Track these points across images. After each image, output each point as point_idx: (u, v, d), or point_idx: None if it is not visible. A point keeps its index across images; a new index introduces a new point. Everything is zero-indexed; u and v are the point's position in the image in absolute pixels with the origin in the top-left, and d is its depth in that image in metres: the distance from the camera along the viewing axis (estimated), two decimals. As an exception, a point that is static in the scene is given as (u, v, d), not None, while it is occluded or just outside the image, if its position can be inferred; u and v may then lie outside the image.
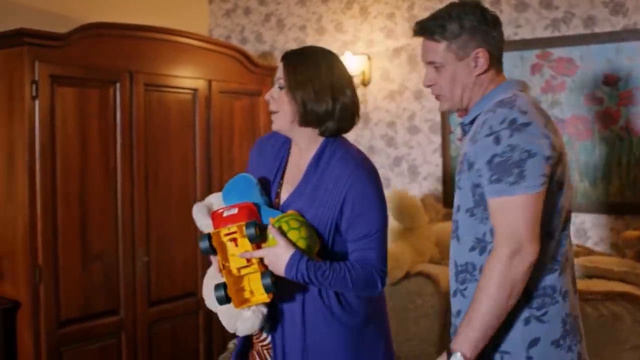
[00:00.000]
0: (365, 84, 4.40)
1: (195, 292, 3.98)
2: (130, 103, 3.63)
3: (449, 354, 1.69)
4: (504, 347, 1.76)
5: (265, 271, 1.89)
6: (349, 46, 4.47)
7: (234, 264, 1.92)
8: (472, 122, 1.86)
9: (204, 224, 2.04)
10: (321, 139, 2.03)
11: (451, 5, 1.87)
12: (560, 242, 1.77)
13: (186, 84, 3.94)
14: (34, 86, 3.21)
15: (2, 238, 3.34)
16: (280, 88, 2.02)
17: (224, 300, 1.90)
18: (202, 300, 2.12)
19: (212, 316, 4.07)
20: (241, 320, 1.95)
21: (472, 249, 1.80)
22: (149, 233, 3.74)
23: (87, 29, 3.44)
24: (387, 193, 3.83)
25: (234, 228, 1.89)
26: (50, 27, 3.45)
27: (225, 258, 1.93)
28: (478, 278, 1.77)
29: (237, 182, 2.06)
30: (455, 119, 4.07)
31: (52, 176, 3.29)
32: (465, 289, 1.82)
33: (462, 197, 1.83)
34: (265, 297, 1.91)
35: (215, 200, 2.11)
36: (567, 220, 1.80)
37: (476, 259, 1.79)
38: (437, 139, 4.21)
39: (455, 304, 1.87)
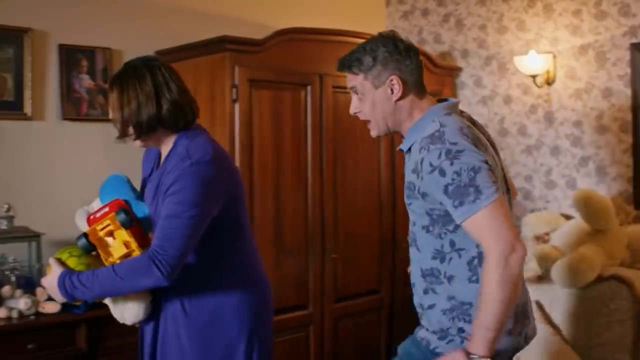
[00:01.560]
0: (549, 82, 4.30)
1: (379, 290, 4.08)
2: (320, 105, 3.77)
3: (470, 356, 1.82)
4: (467, 334, 1.94)
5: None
6: (532, 45, 4.39)
7: (117, 254, 2.11)
8: (408, 150, 2.02)
9: (83, 226, 2.23)
10: (173, 137, 2.19)
11: (368, 39, 2.04)
12: None
13: (370, 85, 4.02)
14: (234, 90, 3.44)
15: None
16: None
17: None
18: (386, 298, 2.21)
19: (394, 313, 4.15)
20: (127, 310, 2.16)
21: (434, 257, 1.98)
22: (337, 230, 3.87)
23: (282, 34, 3.63)
24: (573, 192, 3.75)
25: (106, 221, 2.09)
26: (245, 34, 3.65)
27: (107, 252, 2.12)
28: (443, 281, 1.98)
29: (109, 182, 2.26)
30: (648, 118, 3.90)
31: (250, 174, 3.50)
32: (434, 289, 2.01)
33: (415, 217, 2.02)
34: None
35: (96, 204, 2.27)
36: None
37: (439, 266, 1.98)
38: (628, 139, 4.04)
39: (426, 299, 2.03)
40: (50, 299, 3.04)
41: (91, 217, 2.17)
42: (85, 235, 2.14)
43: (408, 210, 2.06)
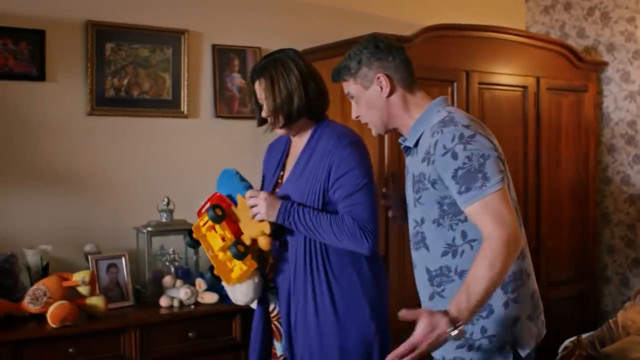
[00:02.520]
0: None
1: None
2: (467, 101, 3.72)
3: (452, 321, 1.75)
4: (490, 331, 1.95)
5: (231, 242, 2.25)
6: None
7: (216, 247, 2.29)
8: (415, 144, 2.03)
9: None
10: (312, 126, 2.36)
11: (353, 48, 2.12)
12: (521, 229, 1.94)
13: (516, 81, 3.95)
14: (382, 87, 3.44)
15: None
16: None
17: (214, 279, 2.36)
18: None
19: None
20: (238, 291, 2.34)
21: (444, 253, 1.98)
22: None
23: (428, 31, 3.59)
24: None
25: (205, 218, 2.30)
26: (391, 31, 3.63)
27: (208, 245, 2.32)
28: (454, 278, 1.97)
29: (221, 177, 2.48)
30: None
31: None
32: (443, 290, 2.00)
33: (424, 211, 2.00)
34: (242, 265, 2.26)
35: None
36: (517, 209, 1.98)
37: (450, 262, 1.98)
38: None
39: (433, 306, 1.99)
40: (208, 289, 3.16)
41: (201, 210, 2.38)
42: (190, 232, 2.38)
43: (414, 208, 2.06)
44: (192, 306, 3.15)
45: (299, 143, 2.42)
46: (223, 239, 2.29)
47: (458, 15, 4.03)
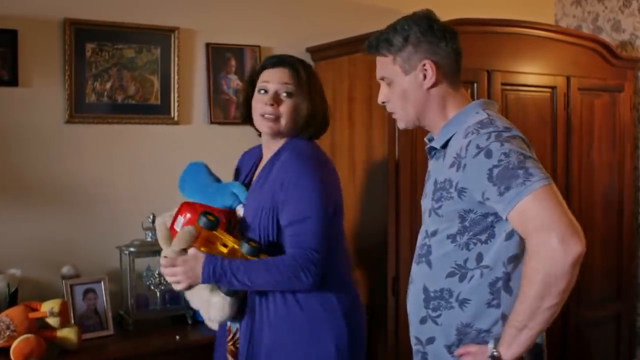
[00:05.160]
0: None
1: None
2: (488, 104, 3.37)
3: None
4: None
5: (240, 242, 2.05)
6: None
7: (221, 252, 2.06)
8: (444, 145, 1.80)
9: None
10: (283, 140, 2.19)
11: (400, 18, 1.83)
12: None
13: (544, 81, 3.59)
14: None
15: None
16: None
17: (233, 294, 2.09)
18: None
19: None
20: (213, 308, 2.09)
21: (451, 274, 1.75)
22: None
23: (446, 27, 3.25)
24: None
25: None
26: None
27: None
28: (454, 306, 1.75)
29: (187, 173, 2.30)
30: None
31: (416, 176, 3.16)
32: (438, 316, 1.78)
33: (441, 223, 1.77)
34: None
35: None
36: None
37: (454, 286, 1.75)
38: None
39: (424, 330, 1.82)
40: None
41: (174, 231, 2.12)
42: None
43: (428, 218, 1.84)
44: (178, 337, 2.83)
45: (267, 155, 2.27)
46: (224, 245, 2.07)
47: (478, 9, 3.68)
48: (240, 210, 2.21)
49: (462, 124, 1.77)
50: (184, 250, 2.05)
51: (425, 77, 1.79)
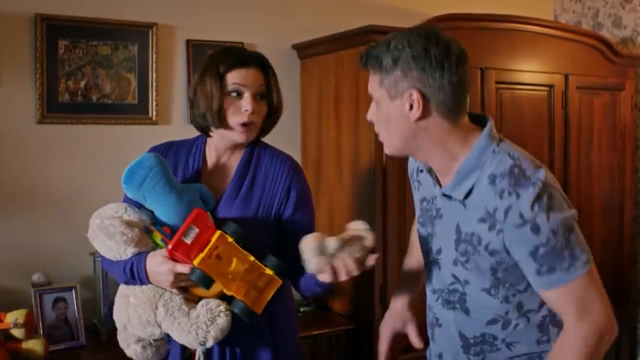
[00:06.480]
0: None
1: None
2: (482, 104, 3.23)
3: None
4: None
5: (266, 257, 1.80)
6: None
7: (240, 271, 1.76)
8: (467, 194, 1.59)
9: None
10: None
11: (398, 33, 1.58)
12: None
13: (540, 79, 3.45)
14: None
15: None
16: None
17: (251, 314, 1.78)
18: None
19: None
20: (215, 326, 1.78)
21: (492, 322, 1.65)
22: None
23: (438, 22, 3.10)
24: None
25: (214, 243, 1.74)
26: (394, 23, 3.17)
27: (225, 278, 1.75)
28: (500, 347, 1.66)
29: (150, 162, 1.85)
30: None
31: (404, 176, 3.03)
32: (483, 359, 1.69)
33: (470, 275, 1.63)
34: (278, 281, 1.80)
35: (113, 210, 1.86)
36: None
37: (497, 332, 1.65)
38: None
39: None
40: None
41: (183, 240, 1.75)
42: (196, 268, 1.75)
43: (452, 266, 1.66)
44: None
45: (225, 157, 2.03)
46: (242, 262, 1.78)
47: (474, 4, 3.53)
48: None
49: (480, 168, 1.57)
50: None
51: (411, 107, 1.56)
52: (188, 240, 1.74)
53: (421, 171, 1.78)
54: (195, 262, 1.74)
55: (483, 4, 3.58)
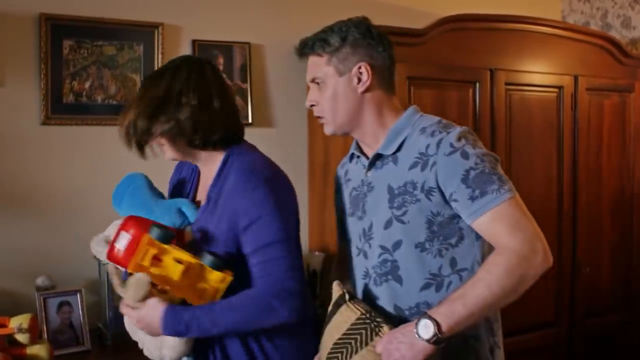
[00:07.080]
0: None
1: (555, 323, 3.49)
2: (492, 105, 3.20)
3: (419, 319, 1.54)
4: None
5: (203, 252, 1.77)
6: None
7: (176, 276, 1.74)
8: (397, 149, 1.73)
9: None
10: (222, 152, 1.92)
11: (337, 21, 1.79)
12: None
13: (550, 81, 3.42)
14: (390, 89, 2.95)
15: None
16: None
17: None
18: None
19: (574, 353, 3.56)
20: (166, 344, 1.81)
21: (426, 286, 1.68)
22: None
23: (445, 23, 3.09)
24: None
25: (144, 248, 1.73)
26: (402, 23, 3.14)
27: (163, 280, 1.75)
28: None
29: (124, 184, 2.01)
30: None
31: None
32: None
33: (405, 232, 1.68)
34: (220, 277, 1.76)
35: (113, 229, 1.92)
36: None
37: (431, 297, 1.68)
38: None
39: None
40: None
41: (115, 251, 1.81)
42: (129, 275, 1.81)
43: (383, 232, 1.72)
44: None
45: (207, 173, 1.99)
46: (179, 262, 1.76)
47: (482, 4, 3.51)
48: (189, 233, 1.96)
49: (411, 127, 1.74)
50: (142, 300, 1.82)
51: (359, 80, 1.75)
52: (120, 246, 1.80)
53: (350, 161, 1.91)
54: (130, 267, 1.77)
55: (490, 5, 3.55)
